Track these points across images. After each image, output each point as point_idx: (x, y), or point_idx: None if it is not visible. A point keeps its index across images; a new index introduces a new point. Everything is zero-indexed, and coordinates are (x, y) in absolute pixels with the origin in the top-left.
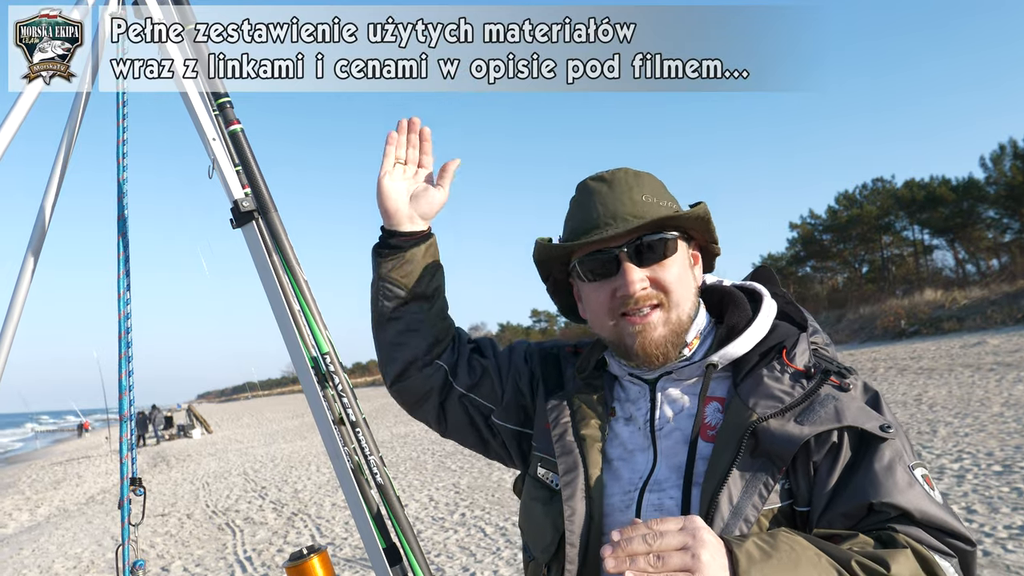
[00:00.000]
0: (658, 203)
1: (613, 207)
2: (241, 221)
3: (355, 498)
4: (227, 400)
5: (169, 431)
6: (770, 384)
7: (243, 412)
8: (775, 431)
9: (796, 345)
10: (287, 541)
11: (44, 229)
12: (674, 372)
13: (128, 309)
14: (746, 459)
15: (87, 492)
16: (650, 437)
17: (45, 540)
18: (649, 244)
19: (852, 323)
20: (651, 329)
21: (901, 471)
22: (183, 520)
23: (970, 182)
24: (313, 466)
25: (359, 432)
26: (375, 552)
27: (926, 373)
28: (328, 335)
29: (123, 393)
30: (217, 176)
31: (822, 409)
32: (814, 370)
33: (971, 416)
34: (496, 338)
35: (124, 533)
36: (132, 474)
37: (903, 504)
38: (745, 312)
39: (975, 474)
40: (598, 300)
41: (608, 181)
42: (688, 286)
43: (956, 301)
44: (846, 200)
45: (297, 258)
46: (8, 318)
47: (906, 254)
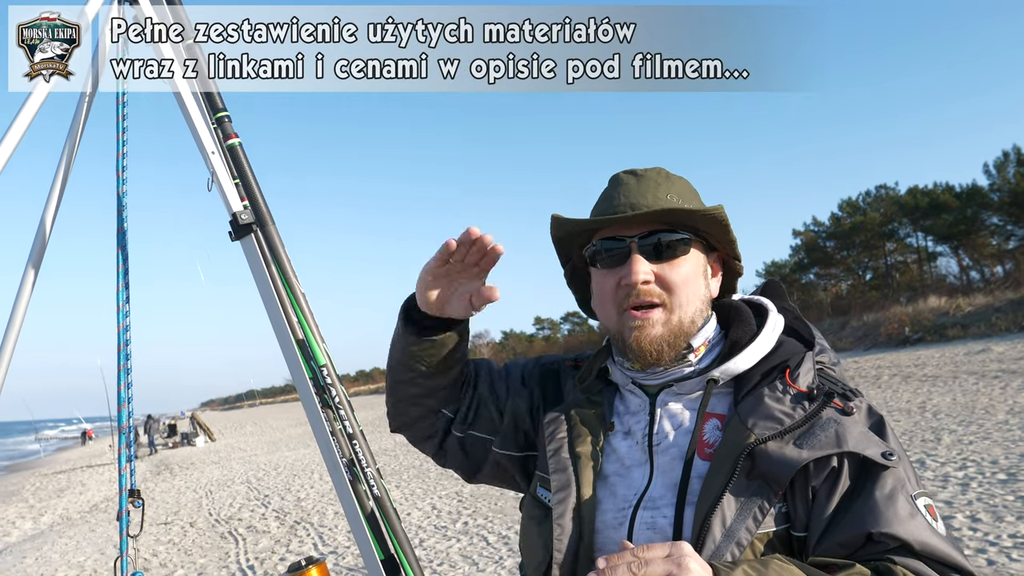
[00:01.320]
0: (680, 202)
1: (636, 199)
2: (240, 234)
3: (352, 509)
4: (230, 408)
5: (173, 439)
6: (771, 405)
7: (246, 420)
8: (773, 454)
9: (800, 364)
10: (289, 550)
11: (45, 236)
12: (675, 385)
13: (127, 321)
14: (742, 481)
15: (90, 500)
16: (647, 452)
17: (48, 548)
18: (662, 240)
19: (856, 330)
20: (649, 326)
21: (903, 501)
22: (186, 528)
23: (974, 189)
24: (316, 474)
25: (356, 444)
26: (372, 563)
27: (930, 380)
28: (325, 347)
29: (122, 405)
30: (216, 189)
31: (822, 433)
32: (817, 392)
33: (975, 424)
34: (500, 346)
35: (123, 545)
36: (131, 485)
37: (903, 535)
38: (749, 327)
39: (979, 482)
40: (606, 289)
41: (639, 176)
42: (696, 292)
43: (960, 308)
44: (849, 207)
45: (295, 271)
46: (9, 326)
47: (910, 261)
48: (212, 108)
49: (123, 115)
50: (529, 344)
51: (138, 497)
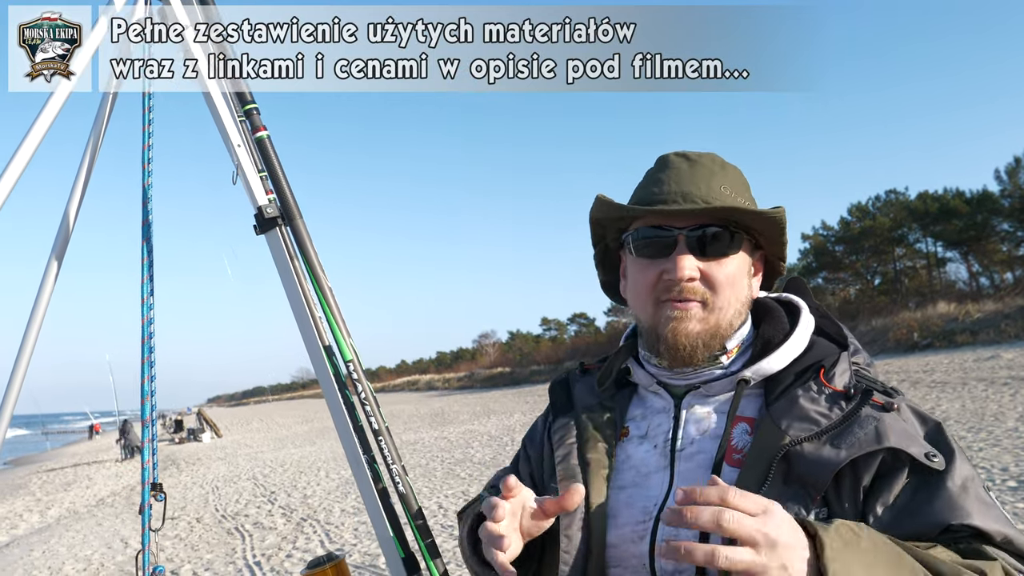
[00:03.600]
0: (735, 198)
1: (687, 187)
2: (264, 227)
3: (375, 506)
4: (237, 404)
5: (179, 435)
6: (805, 405)
7: (253, 416)
8: (809, 455)
9: (836, 364)
10: (296, 546)
11: (69, 230)
12: (702, 387)
13: (152, 314)
14: (777, 486)
15: (97, 494)
16: (668, 457)
17: (55, 542)
18: (713, 235)
19: (864, 335)
20: (688, 319)
21: (977, 492)
22: (192, 524)
23: (984, 195)
24: (322, 472)
25: (381, 440)
26: (394, 561)
27: (939, 387)
28: (352, 343)
29: (145, 398)
30: (241, 182)
31: (861, 431)
32: (855, 391)
33: (985, 431)
34: (506, 346)
35: (145, 538)
36: (153, 479)
37: (982, 526)
38: (781, 326)
39: (989, 489)
40: (644, 280)
41: (692, 160)
42: (739, 293)
43: (969, 314)
44: (859, 211)
45: (322, 265)
46: (31, 320)
47: (919, 266)
48: (240, 101)
49: (149, 107)
50: (536, 345)
51: (160, 491)
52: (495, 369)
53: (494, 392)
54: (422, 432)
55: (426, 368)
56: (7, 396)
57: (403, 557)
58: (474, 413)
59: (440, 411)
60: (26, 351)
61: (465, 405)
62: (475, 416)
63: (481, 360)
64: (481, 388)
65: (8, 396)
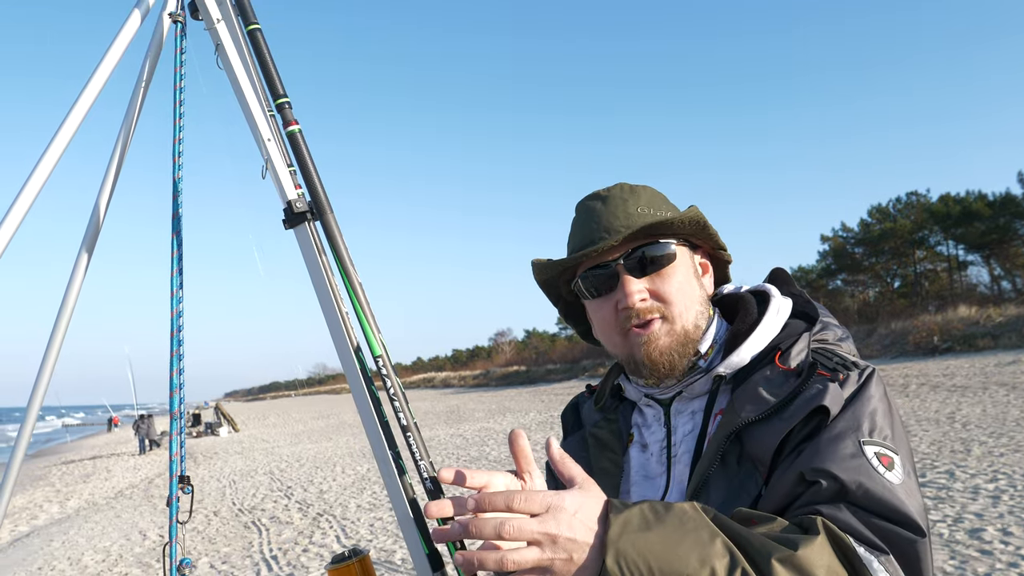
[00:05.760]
0: (654, 214)
1: (608, 221)
2: (293, 222)
3: (401, 502)
4: (253, 399)
5: (196, 428)
6: (760, 388)
7: (269, 411)
8: (756, 434)
9: (793, 345)
10: (312, 541)
11: (99, 223)
12: (685, 391)
13: (180, 307)
14: (732, 467)
15: (115, 486)
16: (665, 464)
17: (75, 532)
18: (646, 254)
19: (883, 338)
20: (655, 339)
21: (847, 442)
22: (210, 517)
23: (1007, 197)
24: (338, 467)
25: (410, 436)
26: (419, 557)
27: (959, 391)
28: (381, 338)
29: (174, 391)
30: (270, 176)
31: (803, 402)
32: (807, 368)
33: (1007, 436)
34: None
35: (172, 531)
36: (181, 471)
37: (838, 473)
38: (750, 316)
39: (1011, 495)
40: (604, 317)
41: (603, 198)
42: (692, 296)
43: (991, 318)
44: (879, 213)
45: (352, 260)
46: (61, 311)
47: (940, 269)
48: (273, 94)
49: (180, 100)
50: (552, 343)
51: (188, 483)
52: (511, 367)
53: (509, 390)
54: (438, 429)
55: (442, 365)
56: (36, 387)
57: (427, 553)
58: (490, 411)
59: (456, 408)
60: (55, 343)
61: (481, 403)
62: (491, 414)
63: (497, 358)
64: (497, 386)
65: (37, 387)
